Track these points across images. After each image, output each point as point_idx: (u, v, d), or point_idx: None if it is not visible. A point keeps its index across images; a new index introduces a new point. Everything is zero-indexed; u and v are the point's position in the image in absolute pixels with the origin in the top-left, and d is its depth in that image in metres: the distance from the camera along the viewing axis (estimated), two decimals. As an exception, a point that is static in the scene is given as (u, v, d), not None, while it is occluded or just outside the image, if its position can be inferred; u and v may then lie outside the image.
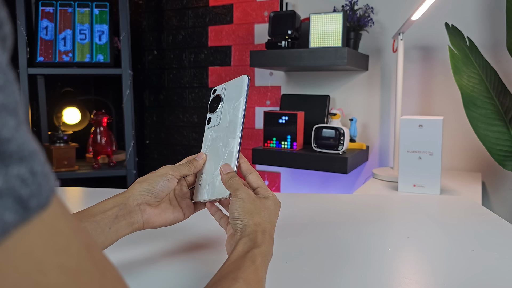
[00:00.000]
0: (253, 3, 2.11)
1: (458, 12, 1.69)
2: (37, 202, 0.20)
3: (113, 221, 0.51)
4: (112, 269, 0.25)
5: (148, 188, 0.54)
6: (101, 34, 2.07)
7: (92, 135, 2.09)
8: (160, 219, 0.55)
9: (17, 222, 0.19)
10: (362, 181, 1.92)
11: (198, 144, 2.33)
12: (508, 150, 1.45)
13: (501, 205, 1.69)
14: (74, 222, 0.23)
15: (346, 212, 0.85)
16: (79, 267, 0.22)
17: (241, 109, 0.56)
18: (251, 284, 0.39)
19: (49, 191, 0.21)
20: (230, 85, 0.60)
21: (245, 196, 0.51)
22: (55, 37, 2.02)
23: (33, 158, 0.20)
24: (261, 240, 0.46)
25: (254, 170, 0.57)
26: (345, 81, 1.94)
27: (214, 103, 0.61)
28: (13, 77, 0.21)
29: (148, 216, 0.54)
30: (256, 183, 0.55)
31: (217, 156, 0.58)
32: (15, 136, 0.19)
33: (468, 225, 0.78)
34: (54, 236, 0.21)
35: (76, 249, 0.22)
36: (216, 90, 0.62)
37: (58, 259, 0.21)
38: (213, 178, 0.57)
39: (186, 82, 2.35)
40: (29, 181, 0.19)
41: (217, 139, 0.59)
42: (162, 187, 0.54)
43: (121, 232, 0.52)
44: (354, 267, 0.58)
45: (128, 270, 0.56)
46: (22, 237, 0.19)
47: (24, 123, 0.20)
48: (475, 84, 1.46)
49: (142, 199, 0.53)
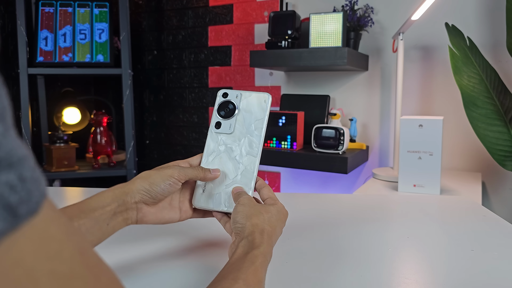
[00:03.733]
0: (253, 3, 2.11)
1: (458, 12, 1.69)
2: (27, 208, 0.20)
3: (111, 218, 0.50)
4: (107, 272, 0.25)
5: (148, 189, 0.52)
6: (101, 32, 2.07)
7: (92, 135, 2.08)
8: (155, 218, 0.54)
9: (6, 230, 0.19)
10: (362, 181, 1.92)
11: (198, 144, 2.33)
12: (508, 150, 1.45)
13: (501, 205, 1.69)
14: (67, 226, 0.23)
15: (346, 212, 0.85)
16: (72, 272, 0.21)
17: (264, 129, 0.57)
18: (250, 284, 0.39)
19: (39, 197, 0.21)
20: (247, 97, 0.59)
21: (247, 202, 0.52)
22: (55, 35, 2.02)
23: (22, 164, 0.20)
24: (260, 241, 0.46)
25: (267, 185, 0.58)
26: (345, 81, 1.93)
27: (226, 109, 0.59)
28: (0, 82, 0.20)
29: (143, 214, 0.53)
30: (267, 195, 0.56)
31: (229, 167, 0.57)
32: (3, 142, 0.19)
33: (468, 225, 0.78)
34: (46, 242, 0.21)
35: (69, 254, 0.22)
36: (227, 94, 0.60)
37: (50, 265, 0.20)
38: (222, 189, 0.57)
39: (186, 82, 2.35)
40: (18, 187, 0.19)
41: (230, 150, 0.58)
42: (162, 190, 0.52)
43: (117, 227, 0.51)
44: (354, 267, 0.58)
45: (128, 271, 0.56)
46: (12, 245, 0.19)
47: (12, 128, 0.20)
48: (475, 84, 1.46)
49: (140, 197, 0.52)
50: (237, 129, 0.58)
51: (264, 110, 0.58)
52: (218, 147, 0.58)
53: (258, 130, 0.57)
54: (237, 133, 0.58)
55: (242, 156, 0.57)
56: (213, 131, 0.59)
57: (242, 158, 0.57)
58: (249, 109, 0.58)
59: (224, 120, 0.59)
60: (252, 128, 0.58)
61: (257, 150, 0.57)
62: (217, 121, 0.59)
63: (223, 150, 0.58)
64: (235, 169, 0.57)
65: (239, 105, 0.59)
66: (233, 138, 0.58)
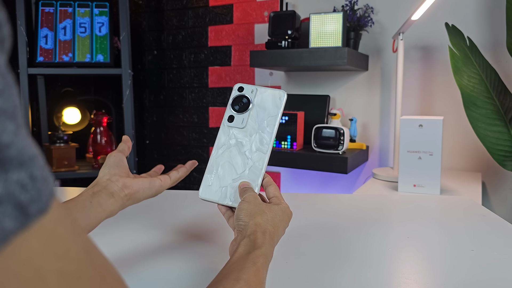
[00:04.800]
0: (253, 3, 2.11)
1: (458, 12, 1.69)
2: (37, 207, 0.20)
3: (92, 196, 0.53)
4: (112, 272, 0.25)
5: (108, 166, 0.57)
6: (101, 25, 2.06)
7: (92, 135, 2.09)
8: (137, 183, 0.57)
9: (17, 229, 0.19)
10: (362, 181, 1.92)
11: (198, 144, 2.33)
12: (508, 150, 1.45)
13: (501, 205, 1.69)
14: (74, 225, 0.23)
15: (346, 212, 0.85)
16: (79, 272, 0.21)
17: (276, 127, 0.57)
18: (252, 285, 0.39)
19: (49, 196, 0.21)
20: (263, 93, 0.59)
21: (251, 199, 0.52)
22: (55, 31, 2.02)
23: (32, 162, 0.20)
24: (261, 241, 0.46)
25: (273, 183, 0.58)
26: (345, 81, 1.94)
27: (240, 103, 0.59)
28: (12, 80, 0.20)
29: (123, 183, 0.56)
30: (272, 193, 0.56)
31: (238, 161, 0.57)
32: (15, 141, 0.19)
33: (468, 225, 0.78)
34: (54, 241, 0.21)
35: (76, 254, 0.22)
36: (243, 88, 0.60)
37: (58, 264, 0.20)
38: (228, 183, 0.57)
39: (186, 82, 2.35)
40: (28, 186, 0.19)
41: (240, 144, 0.58)
42: (117, 161, 0.59)
43: (104, 203, 0.53)
44: (354, 267, 0.58)
45: (131, 269, 0.56)
46: (22, 244, 0.19)
47: (23, 127, 0.20)
48: (475, 84, 1.46)
49: (109, 174, 0.56)
50: (249, 124, 0.58)
51: (278, 107, 0.57)
52: (229, 141, 0.58)
53: (270, 127, 0.57)
54: (249, 128, 0.58)
55: (252, 152, 0.57)
56: (226, 125, 0.59)
57: (252, 154, 0.57)
58: (263, 105, 0.58)
59: (237, 114, 0.58)
60: (265, 124, 0.57)
61: (268, 147, 0.57)
62: (230, 114, 0.59)
63: (234, 144, 0.58)
64: (244, 164, 0.57)
65: (254, 100, 0.59)
66: (244, 133, 0.58)
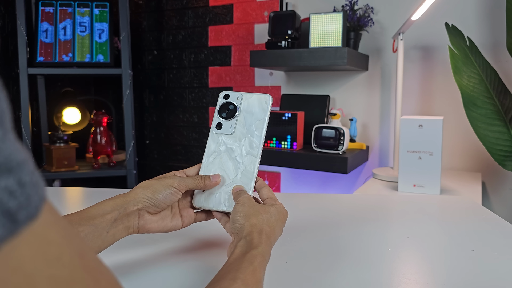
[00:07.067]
0: (253, 3, 2.11)
1: (458, 12, 1.69)
2: (26, 213, 0.19)
3: (111, 225, 0.49)
4: (107, 275, 0.25)
5: (150, 197, 0.52)
6: (101, 32, 2.07)
7: (92, 135, 2.08)
8: (157, 226, 0.54)
9: (5, 237, 0.18)
10: (362, 181, 1.92)
11: (198, 144, 2.33)
12: (508, 150, 1.45)
13: (501, 205, 1.69)
14: (66, 229, 0.22)
15: (346, 212, 0.85)
16: (72, 277, 0.21)
17: (265, 130, 0.58)
18: (249, 284, 0.39)
19: (39, 201, 0.20)
20: (249, 99, 0.59)
21: (246, 201, 0.52)
22: (55, 34, 2.02)
23: (21, 168, 0.19)
24: (258, 241, 0.46)
25: (266, 185, 0.58)
26: (345, 81, 1.93)
27: (227, 110, 0.60)
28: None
29: (145, 222, 0.53)
30: (266, 195, 0.56)
31: (229, 167, 0.58)
32: (2, 147, 0.19)
33: (468, 225, 0.78)
34: (45, 247, 0.20)
35: (69, 258, 0.21)
36: (229, 96, 0.60)
37: (49, 270, 0.20)
38: (222, 189, 0.57)
39: (186, 82, 2.35)
40: (17, 193, 0.19)
41: (230, 150, 0.58)
42: (164, 198, 0.53)
43: (118, 235, 0.51)
44: (354, 267, 0.58)
45: (127, 271, 0.56)
46: (11, 251, 0.19)
47: (11, 132, 0.20)
48: (475, 84, 1.46)
49: (142, 205, 0.52)
50: (238, 129, 0.59)
51: (265, 111, 0.58)
52: (218, 148, 0.59)
53: (258, 131, 0.58)
54: (238, 134, 0.58)
55: (243, 156, 0.57)
56: (214, 132, 0.60)
57: (243, 158, 0.57)
58: (250, 110, 0.59)
59: (225, 121, 0.59)
60: (253, 128, 0.58)
61: (258, 150, 0.57)
62: (218, 122, 0.60)
63: (224, 150, 0.59)
64: (235, 168, 0.57)
65: (240, 106, 0.59)
66: (234, 139, 0.59)
